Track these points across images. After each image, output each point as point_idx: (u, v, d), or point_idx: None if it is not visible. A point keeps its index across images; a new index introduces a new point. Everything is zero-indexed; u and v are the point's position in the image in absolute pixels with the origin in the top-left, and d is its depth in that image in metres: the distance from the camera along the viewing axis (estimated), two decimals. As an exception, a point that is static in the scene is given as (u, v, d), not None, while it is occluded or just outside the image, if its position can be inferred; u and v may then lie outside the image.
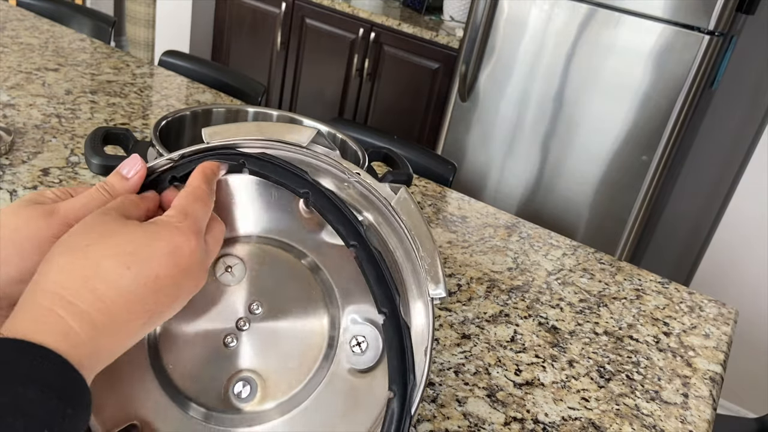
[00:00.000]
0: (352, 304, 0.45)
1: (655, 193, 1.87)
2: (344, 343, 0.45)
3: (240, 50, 2.90)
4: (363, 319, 0.45)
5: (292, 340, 0.45)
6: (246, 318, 0.45)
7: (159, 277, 0.36)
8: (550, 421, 0.67)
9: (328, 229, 0.45)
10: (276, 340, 0.45)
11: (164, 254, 0.37)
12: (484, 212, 1.10)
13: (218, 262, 0.45)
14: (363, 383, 0.44)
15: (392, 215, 0.45)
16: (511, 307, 0.85)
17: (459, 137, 2.13)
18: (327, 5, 2.52)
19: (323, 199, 0.44)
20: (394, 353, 0.42)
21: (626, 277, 0.99)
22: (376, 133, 1.32)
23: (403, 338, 0.42)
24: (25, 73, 1.25)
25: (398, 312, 0.42)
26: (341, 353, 0.45)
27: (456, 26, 2.45)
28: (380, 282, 0.43)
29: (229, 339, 0.45)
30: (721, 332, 0.89)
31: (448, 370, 0.71)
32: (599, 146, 1.89)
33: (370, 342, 0.44)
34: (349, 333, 0.45)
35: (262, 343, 0.45)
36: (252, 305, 0.45)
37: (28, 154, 0.95)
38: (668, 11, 1.71)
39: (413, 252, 0.44)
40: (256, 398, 0.44)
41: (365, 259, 0.43)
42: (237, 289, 0.45)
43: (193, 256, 0.38)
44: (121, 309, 0.35)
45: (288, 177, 0.45)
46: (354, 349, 0.44)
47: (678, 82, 1.74)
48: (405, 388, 0.41)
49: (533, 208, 2.05)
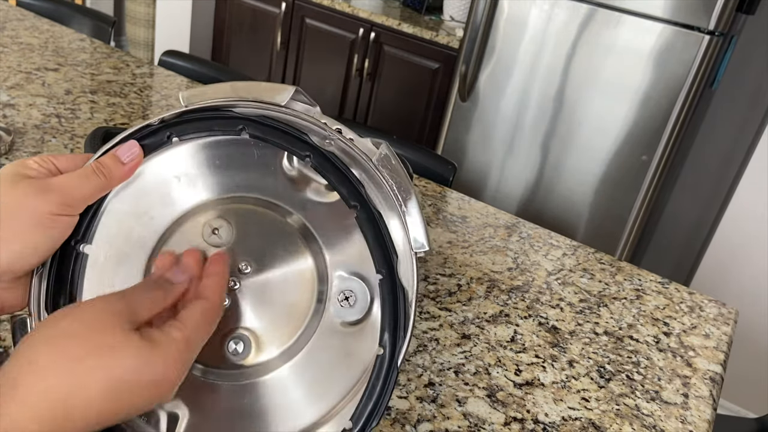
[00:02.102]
0: (338, 259, 0.46)
1: (655, 193, 1.87)
2: (333, 297, 0.46)
3: (240, 50, 2.90)
4: (350, 274, 0.46)
5: (282, 297, 0.46)
6: (236, 278, 0.45)
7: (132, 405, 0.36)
8: (550, 421, 0.67)
9: (312, 186, 0.46)
10: (267, 298, 0.46)
11: (149, 386, 0.37)
12: (484, 212, 1.10)
13: (204, 225, 0.46)
14: (352, 336, 0.45)
15: (375, 171, 0.45)
16: (511, 307, 0.85)
17: (459, 137, 2.13)
18: (327, 5, 2.52)
19: (325, 161, 0.45)
20: (387, 313, 0.44)
21: (626, 277, 0.99)
22: (376, 133, 1.32)
23: (397, 299, 0.44)
24: (25, 73, 1.25)
25: (395, 273, 0.44)
26: (330, 307, 0.46)
27: (456, 26, 2.44)
28: (380, 243, 0.44)
29: None
30: (721, 332, 0.89)
31: (448, 370, 0.71)
32: (599, 146, 1.89)
33: (357, 296, 0.45)
34: (337, 287, 0.46)
35: (254, 301, 0.45)
36: (241, 264, 0.46)
37: (28, 154, 0.95)
38: (668, 11, 1.71)
39: (397, 208, 0.45)
40: (251, 354, 0.45)
41: (366, 219, 0.44)
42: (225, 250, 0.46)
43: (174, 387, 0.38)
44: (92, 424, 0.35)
45: (289, 140, 0.45)
46: (342, 303, 0.45)
47: (678, 82, 1.74)
48: (394, 345, 0.44)
49: (533, 208, 2.04)
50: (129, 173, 0.45)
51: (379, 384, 0.43)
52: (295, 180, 0.47)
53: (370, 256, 0.45)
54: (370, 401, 0.43)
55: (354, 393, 0.44)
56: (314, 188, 0.46)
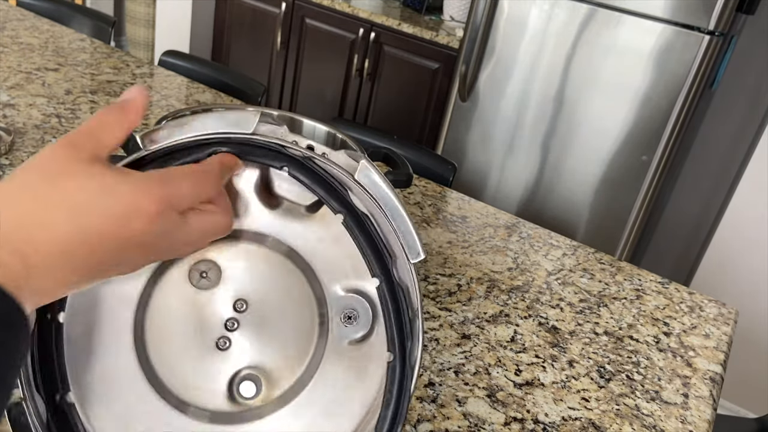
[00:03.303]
0: (333, 278, 0.45)
1: (655, 193, 1.87)
2: (335, 318, 0.45)
3: (240, 50, 2.90)
4: (347, 291, 0.45)
5: (284, 328, 0.45)
6: (233, 318, 0.44)
7: (102, 236, 0.33)
8: (550, 421, 0.67)
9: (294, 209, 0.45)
10: (269, 332, 0.45)
11: (116, 214, 0.34)
12: (484, 212, 1.10)
13: (191, 270, 0.45)
14: (361, 352, 0.45)
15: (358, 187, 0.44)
16: (511, 307, 0.85)
17: (459, 137, 2.13)
18: (327, 5, 2.52)
19: (302, 170, 0.44)
20: (389, 315, 0.43)
21: (626, 277, 0.99)
22: (376, 133, 1.32)
23: (398, 300, 0.43)
24: (25, 73, 1.25)
25: (392, 274, 0.43)
26: (334, 328, 0.45)
27: (456, 26, 2.44)
28: (371, 245, 0.43)
29: (221, 342, 0.44)
30: (721, 332, 0.89)
31: (448, 370, 0.71)
32: (599, 146, 1.89)
33: (359, 312, 0.44)
34: (338, 307, 0.45)
35: (256, 338, 0.45)
36: (236, 304, 0.45)
37: (28, 154, 0.95)
38: (668, 11, 1.71)
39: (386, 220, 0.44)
40: (263, 393, 0.44)
41: (354, 223, 0.43)
42: (217, 292, 0.45)
43: (152, 225, 0.35)
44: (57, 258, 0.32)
45: (264, 154, 0.44)
46: (346, 323, 0.44)
47: (678, 82, 1.74)
48: (404, 347, 0.43)
49: (533, 208, 2.04)
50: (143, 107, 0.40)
51: (395, 390, 0.42)
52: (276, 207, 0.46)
53: (365, 268, 0.44)
54: (388, 410, 0.43)
55: (377, 406, 0.44)
56: (296, 211, 0.45)
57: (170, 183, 0.36)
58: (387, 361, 0.43)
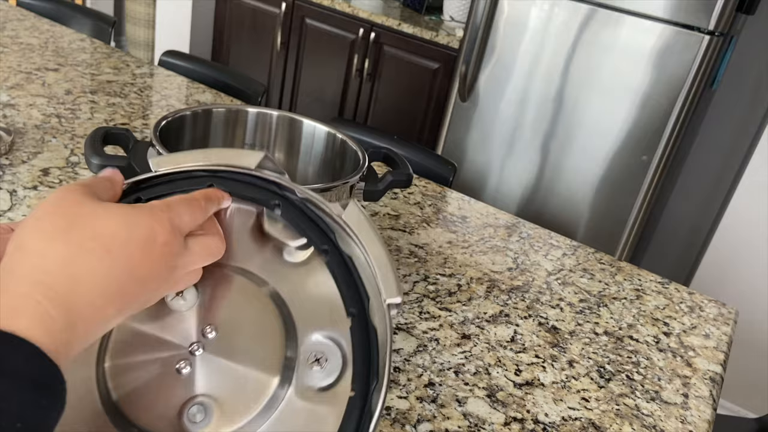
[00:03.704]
0: (309, 323, 0.45)
1: (655, 193, 1.87)
2: (303, 362, 0.44)
3: (240, 50, 2.90)
4: (322, 337, 0.44)
5: (248, 363, 0.44)
6: (199, 342, 0.44)
7: (135, 263, 0.36)
8: (550, 421, 0.67)
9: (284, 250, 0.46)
10: (231, 365, 0.44)
11: (142, 239, 0.36)
12: (484, 212, 1.10)
13: None
14: (324, 401, 0.43)
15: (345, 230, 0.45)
16: (511, 307, 0.85)
17: (459, 137, 2.13)
18: (327, 5, 2.52)
19: (294, 209, 0.45)
20: (359, 354, 0.42)
21: (626, 277, 0.99)
22: (376, 133, 1.32)
23: (369, 339, 0.43)
24: (25, 73, 1.25)
25: (367, 314, 0.43)
26: (300, 373, 0.44)
27: (456, 26, 2.44)
28: (350, 284, 0.44)
29: (182, 364, 0.43)
30: (721, 332, 0.89)
31: (448, 370, 0.71)
32: (599, 146, 1.89)
33: (329, 357, 0.43)
34: (308, 352, 0.44)
35: (217, 368, 0.44)
36: (205, 329, 0.44)
37: (28, 154, 0.95)
38: (668, 11, 1.71)
39: (368, 264, 0.44)
40: (212, 423, 0.43)
41: (336, 262, 0.44)
42: (189, 315, 0.44)
43: (167, 247, 0.38)
44: (98, 294, 0.34)
45: (257, 191, 0.45)
46: (313, 366, 0.43)
47: (678, 82, 1.74)
48: (367, 386, 0.42)
49: (533, 208, 2.04)
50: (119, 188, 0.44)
51: (352, 429, 0.41)
52: (267, 246, 0.46)
53: (342, 315, 0.44)
54: None
55: None
56: (286, 252, 0.46)
57: (172, 209, 0.39)
58: (348, 397, 0.42)
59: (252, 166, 0.46)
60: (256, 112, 0.86)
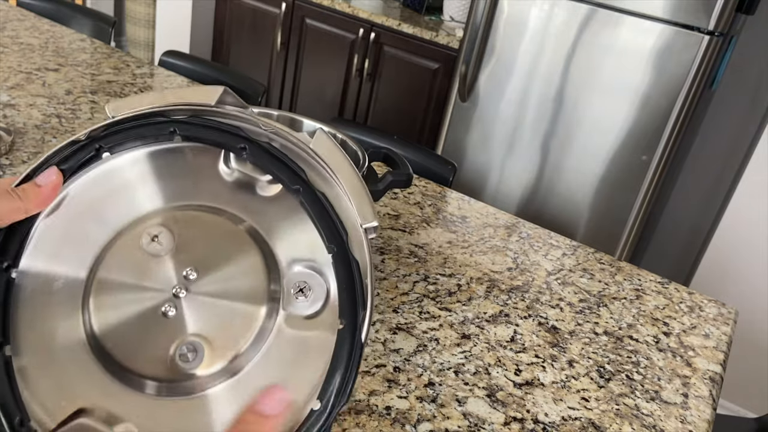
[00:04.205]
0: (290, 254, 0.45)
1: (655, 193, 1.88)
2: (288, 293, 0.45)
3: (240, 50, 2.90)
4: (303, 267, 0.45)
5: (233, 300, 0.44)
6: (181, 285, 0.44)
7: None
8: (550, 421, 0.67)
9: (255, 185, 0.46)
10: (216, 302, 0.44)
11: None
12: (484, 212, 1.10)
13: (143, 234, 0.45)
14: (311, 328, 0.44)
15: (315, 160, 0.45)
16: (511, 307, 0.85)
17: (459, 137, 2.13)
18: (327, 5, 2.52)
19: (261, 152, 0.45)
20: (343, 287, 0.43)
21: (626, 277, 0.99)
22: (376, 133, 1.32)
23: (352, 272, 0.43)
24: (26, 73, 1.25)
25: (346, 247, 0.44)
26: (286, 305, 0.45)
27: (456, 26, 2.45)
28: (326, 220, 0.44)
29: (167, 307, 0.44)
30: (721, 332, 0.89)
31: (448, 370, 0.71)
32: (599, 146, 1.89)
33: (312, 287, 0.44)
34: (291, 283, 0.45)
35: (203, 307, 0.44)
36: (185, 271, 0.44)
37: (29, 154, 0.95)
38: (668, 11, 1.71)
39: (341, 191, 0.45)
40: (204, 360, 0.43)
41: (310, 201, 0.44)
42: (168, 258, 0.45)
43: None
44: None
45: (222, 136, 0.45)
46: (298, 296, 0.44)
47: (678, 82, 1.74)
48: (355, 317, 0.43)
49: (533, 208, 2.05)
50: (47, 197, 0.45)
51: (344, 359, 0.42)
52: (237, 182, 0.46)
53: (321, 244, 0.45)
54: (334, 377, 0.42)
55: None
56: (258, 187, 0.46)
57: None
58: (338, 329, 0.43)
59: (212, 102, 0.46)
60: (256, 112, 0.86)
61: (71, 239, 0.45)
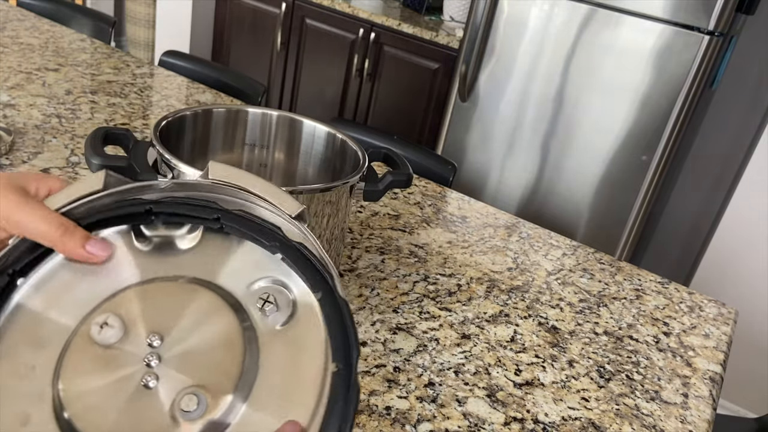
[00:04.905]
0: (242, 283, 0.46)
1: (655, 193, 1.88)
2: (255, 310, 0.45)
3: (240, 50, 2.90)
4: (259, 284, 0.45)
5: (208, 340, 0.44)
6: (151, 355, 0.43)
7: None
8: (550, 421, 0.67)
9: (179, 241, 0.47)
10: (192, 351, 0.43)
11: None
12: (484, 212, 1.10)
13: (90, 328, 0.44)
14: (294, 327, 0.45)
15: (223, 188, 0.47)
16: (511, 307, 0.85)
17: (459, 137, 2.13)
18: (327, 5, 2.52)
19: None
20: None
21: (626, 277, 0.99)
22: (376, 133, 1.32)
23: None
24: (26, 73, 1.25)
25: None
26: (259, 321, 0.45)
27: (456, 26, 2.44)
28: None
29: (147, 380, 0.42)
30: (720, 332, 0.89)
31: (448, 370, 0.71)
32: (599, 146, 1.89)
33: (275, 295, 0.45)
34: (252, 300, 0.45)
35: (181, 363, 0.43)
36: (149, 341, 0.43)
37: (29, 154, 0.95)
38: (668, 11, 1.71)
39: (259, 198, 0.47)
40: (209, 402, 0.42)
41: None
42: (126, 339, 0.43)
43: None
44: None
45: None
46: (266, 308, 0.44)
47: (678, 82, 1.74)
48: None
49: (533, 208, 2.05)
50: (79, 257, 0.45)
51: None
52: (157, 248, 0.47)
53: (265, 259, 0.45)
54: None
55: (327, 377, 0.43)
56: (178, 241, 0.47)
57: None
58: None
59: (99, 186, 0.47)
60: (256, 112, 0.86)
61: None
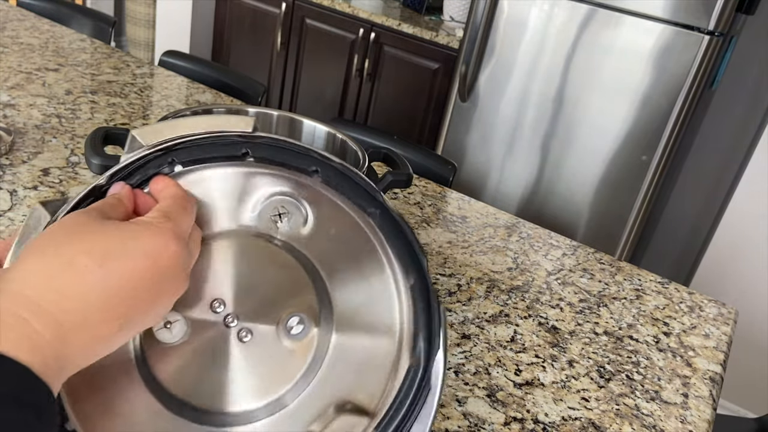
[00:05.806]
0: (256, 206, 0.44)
1: (655, 193, 1.88)
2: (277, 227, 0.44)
3: (240, 50, 2.90)
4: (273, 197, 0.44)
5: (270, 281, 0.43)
6: (227, 317, 0.42)
7: (134, 278, 0.34)
8: (550, 421, 0.67)
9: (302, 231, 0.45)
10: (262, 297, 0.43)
11: (142, 254, 0.35)
12: (484, 212, 1.10)
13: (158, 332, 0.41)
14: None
15: None
16: (511, 307, 0.85)
17: (459, 137, 2.13)
18: (327, 5, 2.52)
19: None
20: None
21: (626, 277, 0.99)
22: (376, 133, 1.32)
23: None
24: (26, 73, 1.25)
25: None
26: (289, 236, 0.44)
27: (456, 26, 2.44)
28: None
29: (241, 336, 0.42)
30: (721, 332, 0.89)
31: (448, 370, 0.71)
32: (599, 146, 1.89)
33: (287, 207, 0.44)
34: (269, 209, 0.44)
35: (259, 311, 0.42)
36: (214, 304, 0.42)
37: (29, 154, 0.95)
38: (668, 11, 1.71)
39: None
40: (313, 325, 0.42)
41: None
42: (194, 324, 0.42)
43: (174, 259, 0.36)
44: (91, 309, 0.32)
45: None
46: (280, 218, 0.43)
47: (678, 82, 1.74)
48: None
49: (533, 208, 2.05)
50: None
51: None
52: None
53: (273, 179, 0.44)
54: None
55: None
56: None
57: (171, 219, 0.38)
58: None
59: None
60: (256, 112, 0.86)
61: None
